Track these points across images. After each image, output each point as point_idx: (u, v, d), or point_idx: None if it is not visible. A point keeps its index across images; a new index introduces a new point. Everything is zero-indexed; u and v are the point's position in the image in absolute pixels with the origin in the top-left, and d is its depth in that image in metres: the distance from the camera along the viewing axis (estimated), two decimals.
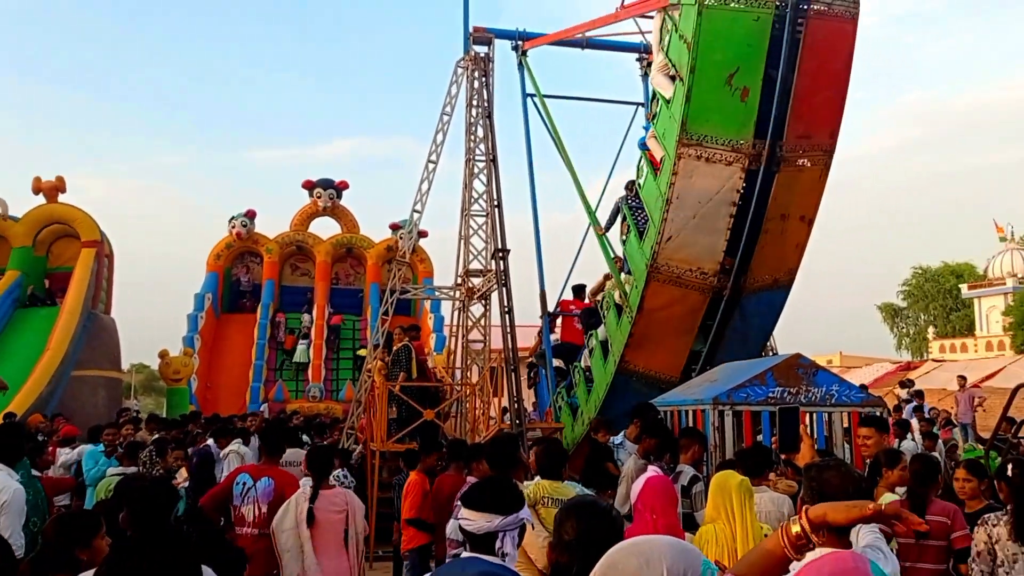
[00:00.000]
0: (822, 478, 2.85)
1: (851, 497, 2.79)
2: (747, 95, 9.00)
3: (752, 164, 9.26)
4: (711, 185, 9.34)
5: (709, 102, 9.07)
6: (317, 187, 26.25)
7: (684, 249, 9.72)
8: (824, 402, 6.81)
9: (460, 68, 15.47)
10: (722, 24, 8.76)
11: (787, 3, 8.69)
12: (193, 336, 22.63)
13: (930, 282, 65.74)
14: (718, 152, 9.20)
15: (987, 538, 4.40)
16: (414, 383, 12.68)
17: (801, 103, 9.10)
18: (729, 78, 8.95)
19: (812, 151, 9.47)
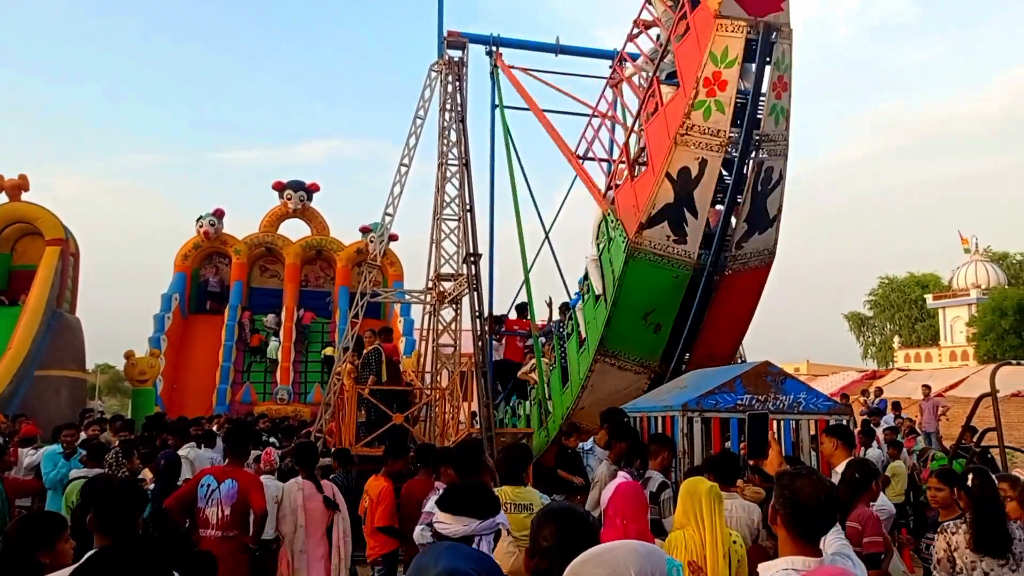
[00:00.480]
0: (794, 486, 2.87)
1: (823, 505, 2.82)
2: (659, 329, 10.02)
3: (658, 375, 10.34)
4: (621, 383, 10.47)
5: (626, 330, 10.14)
6: (287, 189, 26.09)
7: (595, 417, 10.54)
8: (792, 410, 6.87)
9: (434, 72, 15.44)
10: (645, 274, 9.62)
11: (704, 269, 9.41)
12: (160, 337, 22.35)
13: (896, 292, 66.75)
14: (629, 364, 10.41)
15: (946, 546, 4.46)
16: (383, 386, 12.60)
17: (708, 336, 10.02)
18: (645, 316, 9.98)
19: (712, 363, 10.29)
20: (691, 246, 9.37)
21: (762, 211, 9.46)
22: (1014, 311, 42.55)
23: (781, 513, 2.88)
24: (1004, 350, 40.91)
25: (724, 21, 8.45)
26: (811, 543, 2.81)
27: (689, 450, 6.75)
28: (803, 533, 2.84)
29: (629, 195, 10.13)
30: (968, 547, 4.34)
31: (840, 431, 5.76)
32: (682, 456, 6.75)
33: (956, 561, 4.41)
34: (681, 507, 4.18)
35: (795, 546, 2.84)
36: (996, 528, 4.31)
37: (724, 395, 6.81)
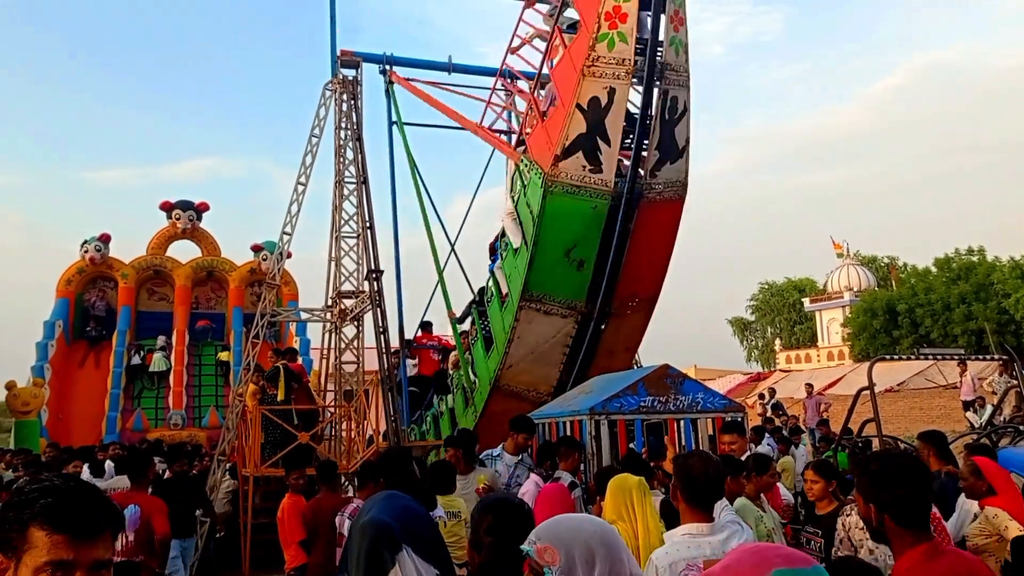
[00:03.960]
0: (688, 463, 3.40)
1: (712, 478, 3.31)
2: (582, 266, 10.19)
3: (585, 317, 10.52)
4: (548, 331, 10.66)
5: (549, 270, 10.22)
6: (176, 208, 25.31)
7: (523, 375, 11.00)
8: (691, 409, 7.29)
9: (328, 91, 15.46)
10: (563, 208, 9.77)
11: (621, 196, 9.68)
12: (43, 365, 21.30)
13: (775, 297, 69.89)
14: (555, 307, 10.48)
15: (842, 527, 4.91)
16: (286, 406, 12.51)
17: (630, 273, 10.31)
18: (567, 252, 10.12)
19: (637, 304, 10.82)
20: (607, 174, 9.61)
21: (671, 140, 9.80)
22: (884, 311, 45.31)
23: (679, 487, 3.40)
24: (876, 348, 43.48)
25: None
26: (705, 511, 3.32)
27: (597, 452, 7.06)
28: (698, 503, 3.36)
29: (541, 136, 10.31)
30: (858, 527, 4.78)
31: (736, 426, 6.20)
32: (591, 458, 7.06)
33: (851, 540, 4.85)
34: (611, 503, 4.45)
35: (692, 515, 3.36)
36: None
37: (628, 398, 7.16)
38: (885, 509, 2.63)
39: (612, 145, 9.49)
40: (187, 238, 25.84)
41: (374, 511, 1.91)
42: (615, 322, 10.76)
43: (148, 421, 21.32)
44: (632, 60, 9.22)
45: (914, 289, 45.48)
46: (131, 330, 23.57)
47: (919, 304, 43.59)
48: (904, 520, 2.62)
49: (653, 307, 11.11)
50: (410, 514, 1.92)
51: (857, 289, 54.46)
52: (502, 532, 2.52)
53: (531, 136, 11.02)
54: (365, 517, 1.89)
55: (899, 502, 2.62)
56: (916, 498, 2.63)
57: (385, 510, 1.92)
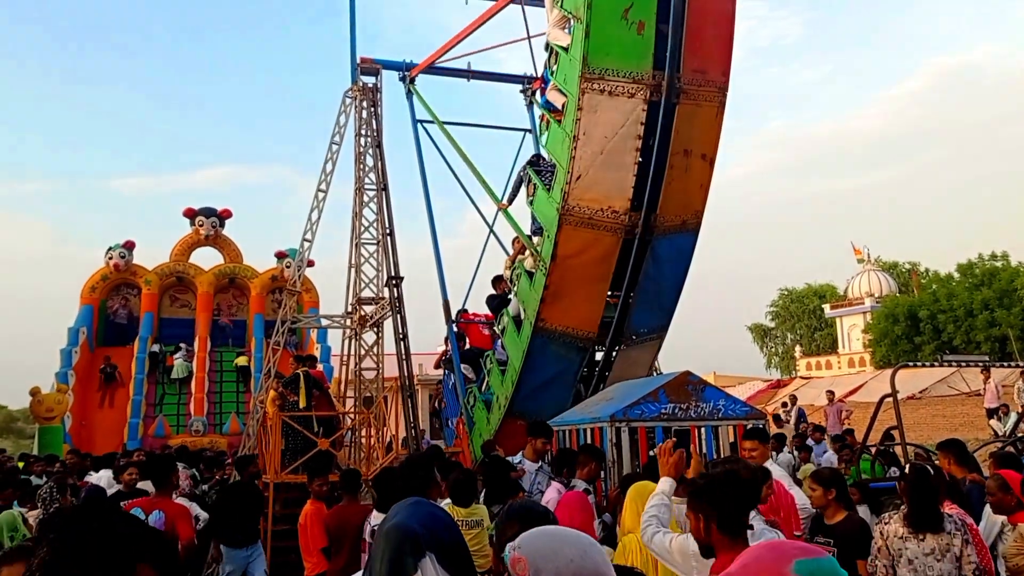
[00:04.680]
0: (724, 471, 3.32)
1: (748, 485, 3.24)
2: (643, 28, 9.43)
3: (653, 95, 9.61)
4: (615, 119, 9.60)
5: (608, 36, 9.39)
6: (199, 215, 25.59)
7: (594, 188, 9.92)
8: (712, 416, 7.25)
9: (348, 98, 15.57)
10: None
11: None
12: (67, 372, 21.54)
13: (795, 303, 69.42)
14: (620, 84, 9.49)
15: (880, 535, 4.88)
16: (306, 412, 12.55)
17: (694, 36, 9.52)
18: (625, 12, 9.33)
19: (707, 86, 9.90)
20: None
21: None
22: (905, 317, 44.88)
23: None
24: (898, 355, 43.04)
25: None
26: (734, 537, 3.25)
27: (618, 459, 7.04)
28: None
29: None
30: (897, 536, 4.76)
31: (759, 433, 6.17)
32: (612, 465, 7.04)
33: (889, 548, 4.83)
34: (630, 511, 4.44)
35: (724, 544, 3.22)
36: (928, 508, 4.75)
37: (649, 405, 7.14)
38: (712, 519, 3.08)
39: None
40: (210, 245, 26.10)
41: (399, 516, 1.92)
42: (687, 107, 9.75)
43: (170, 427, 21.51)
44: None
45: (936, 295, 45.04)
46: (153, 336, 23.79)
47: (941, 310, 43.16)
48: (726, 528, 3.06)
49: (724, 100, 10.09)
50: (436, 521, 1.92)
51: (878, 295, 54.03)
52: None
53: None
54: (390, 522, 1.89)
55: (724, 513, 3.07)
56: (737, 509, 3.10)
57: (411, 516, 1.92)
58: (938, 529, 4.70)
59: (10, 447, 44.33)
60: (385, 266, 14.38)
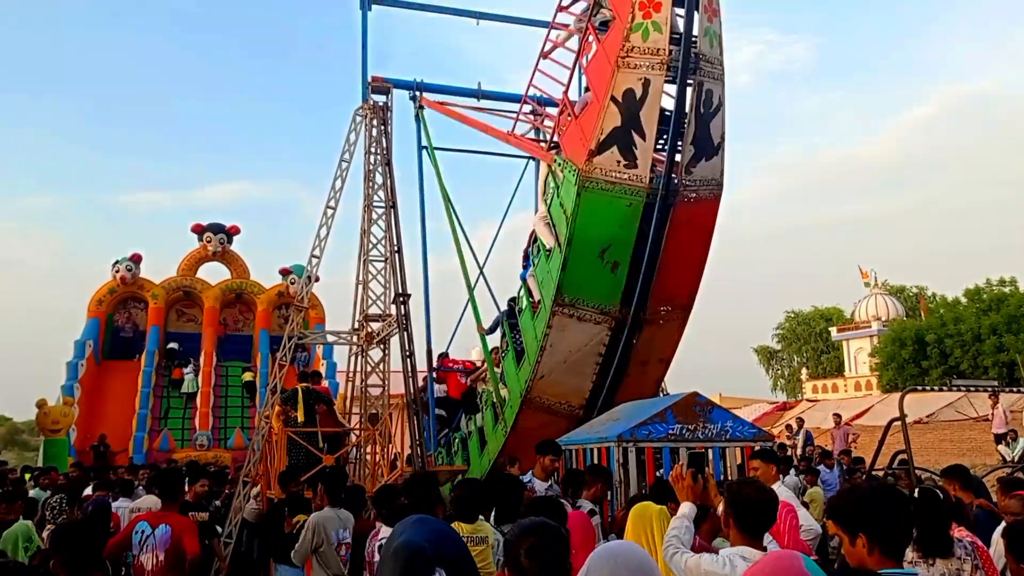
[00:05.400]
0: (742, 492, 3.35)
1: (765, 506, 3.29)
2: (617, 268, 9.99)
3: (618, 323, 10.30)
4: (581, 339, 10.40)
5: (583, 272, 9.99)
6: (207, 231, 25.70)
7: (555, 386, 10.79)
8: (720, 437, 7.24)
9: (359, 116, 15.62)
10: (598, 206, 9.57)
11: (657, 193, 9.45)
12: (73, 384, 21.58)
13: (802, 325, 69.28)
14: (589, 313, 10.24)
15: None
16: (309, 428, 12.52)
17: (664, 276, 10.04)
18: (602, 252, 9.88)
19: (672, 311, 10.59)
20: (642, 170, 9.34)
21: (707, 136, 9.54)
22: (912, 341, 44.73)
23: (732, 515, 3.34)
24: (905, 379, 42.87)
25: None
26: (756, 538, 3.29)
27: (625, 479, 7.03)
28: (750, 530, 3.42)
29: (575, 133, 10.07)
30: (907, 561, 4.74)
31: (768, 454, 6.15)
32: (619, 485, 7.02)
33: None
34: (632, 529, 4.46)
35: (744, 539, 3.41)
36: (938, 533, 4.73)
37: (656, 425, 7.13)
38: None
39: (647, 139, 9.29)
40: (217, 260, 26.20)
41: (407, 534, 1.93)
42: (649, 330, 10.46)
43: (175, 441, 21.49)
44: (667, 50, 9.00)
45: (943, 319, 44.89)
46: (159, 351, 23.85)
47: (948, 335, 43.01)
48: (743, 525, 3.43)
49: (687, 316, 10.80)
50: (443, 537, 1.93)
51: (885, 319, 53.88)
52: (543, 554, 2.51)
53: (564, 135, 10.74)
54: (398, 540, 1.90)
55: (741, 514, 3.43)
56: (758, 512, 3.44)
57: (418, 533, 1.93)
58: (948, 554, 4.67)
59: (14, 459, 44.43)
60: (392, 283, 14.38)
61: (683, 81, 9.13)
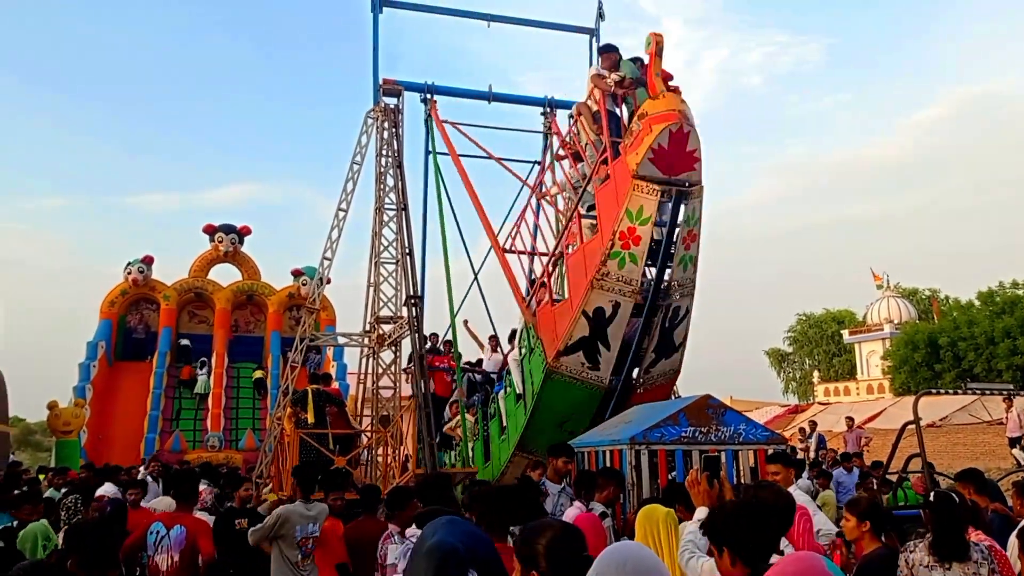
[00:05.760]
0: (758, 496, 3.29)
1: (782, 509, 3.22)
2: (573, 435, 10.39)
3: None
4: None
5: (542, 434, 10.74)
6: (219, 232, 25.78)
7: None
8: (733, 440, 7.21)
9: (370, 119, 15.65)
10: (561, 391, 10.43)
11: (615, 389, 10.21)
12: (85, 386, 21.68)
13: (814, 328, 68.96)
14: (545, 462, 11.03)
15: (905, 564, 4.81)
16: (320, 429, 12.55)
17: None
18: (561, 424, 10.59)
19: None
20: (603, 373, 10.17)
21: (669, 341, 10.24)
22: (925, 344, 44.47)
23: None
24: (918, 382, 42.63)
25: (641, 182, 8.96)
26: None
27: (638, 482, 7.00)
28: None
29: (549, 319, 10.85)
30: (923, 564, 4.70)
31: (787, 458, 6.11)
32: (631, 488, 7.00)
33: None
34: (639, 531, 4.44)
35: None
36: (954, 536, 4.69)
37: (669, 428, 7.11)
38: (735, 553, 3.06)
39: (611, 350, 10.03)
40: (228, 261, 26.28)
41: (440, 535, 1.92)
42: None
43: (186, 442, 21.56)
44: (639, 281, 9.57)
45: (956, 322, 44.63)
46: (171, 352, 23.95)
47: (962, 337, 42.74)
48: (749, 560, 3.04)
49: None
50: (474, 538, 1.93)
51: (898, 321, 53.58)
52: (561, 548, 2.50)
53: (542, 309, 11.39)
54: (431, 541, 1.89)
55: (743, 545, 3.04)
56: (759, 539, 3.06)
57: (451, 533, 1.93)
58: (964, 558, 4.64)
59: (27, 459, 44.70)
60: (404, 285, 14.40)
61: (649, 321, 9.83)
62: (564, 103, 17.02)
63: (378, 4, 15.95)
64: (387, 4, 16.12)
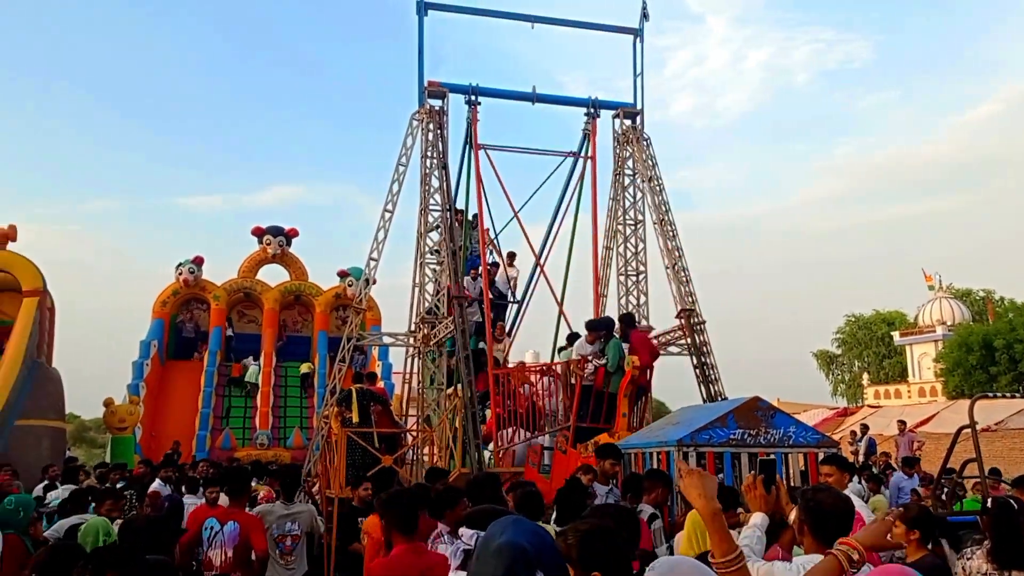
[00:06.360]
0: (817, 498, 3.28)
1: (841, 513, 3.20)
2: None
3: None
4: None
5: None
6: (267, 234, 26.22)
7: None
8: (783, 443, 7.12)
9: (415, 121, 15.76)
10: None
11: None
12: (138, 383, 22.19)
13: (863, 330, 67.68)
14: None
15: (963, 571, 4.72)
16: (366, 429, 12.64)
17: None
18: None
19: None
20: None
21: None
22: (980, 346, 43.41)
23: (807, 522, 3.32)
24: (972, 385, 41.63)
25: None
26: (829, 545, 3.24)
27: None
28: (826, 538, 3.27)
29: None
30: (981, 572, 4.60)
31: (841, 461, 6.01)
32: (679, 491, 6.94)
33: None
34: (688, 536, 4.40)
35: (819, 548, 3.28)
36: (1014, 543, 4.59)
37: (717, 430, 7.04)
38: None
39: None
40: (276, 262, 26.71)
41: (508, 534, 1.94)
42: None
43: (236, 440, 21.93)
44: None
45: (1012, 324, 43.48)
46: (222, 351, 24.39)
47: (1018, 339, 41.62)
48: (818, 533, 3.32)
49: None
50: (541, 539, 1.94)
51: (950, 323, 52.36)
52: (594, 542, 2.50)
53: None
54: (500, 540, 1.91)
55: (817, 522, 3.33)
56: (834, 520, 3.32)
57: (519, 533, 1.94)
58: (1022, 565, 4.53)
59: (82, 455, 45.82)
60: (450, 285, 14.47)
61: None
62: (607, 103, 16.98)
63: (423, 7, 16.05)
64: (432, 7, 16.20)
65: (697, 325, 14.23)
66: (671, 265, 14.97)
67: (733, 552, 2.88)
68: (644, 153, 16.12)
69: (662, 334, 15.04)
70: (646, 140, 16.32)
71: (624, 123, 16.75)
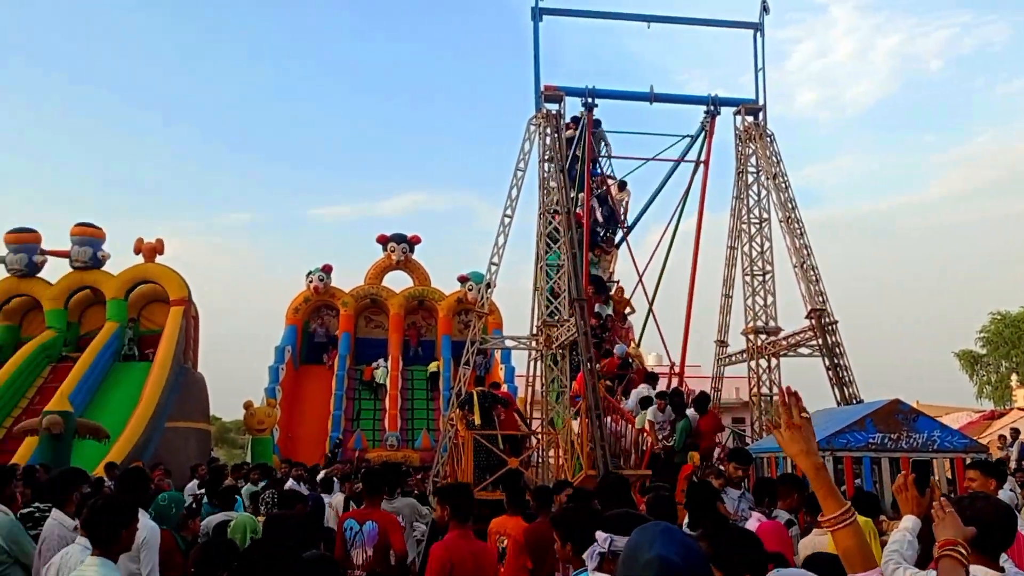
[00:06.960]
0: (976, 507, 3.13)
1: (1003, 523, 3.04)
2: None
3: None
4: None
5: None
6: (391, 241, 26.97)
7: None
8: (926, 448, 6.79)
9: (532, 125, 15.88)
10: None
11: None
12: (275, 387, 23.24)
13: (1011, 328, 63.52)
14: None
15: None
16: (491, 431, 12.81)
17: None
18: None
19: None
20: None
21: None
22: None
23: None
24: None
25: None
26: (993, 558, 3.06)
27: None
28: (985, 549, 3.13)
29: None
30: None
31: (987, 466, 5.70)
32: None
33: None
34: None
35: (979, 559, 3.12)
36: None
37: (855, 434, 6.79)
38: None
39: None
40: (400, 269, 27.43)
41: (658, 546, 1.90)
42: None
43: (367, 442, 22.64)
44: None
45: None
46: (351, 355, 25.26)
47: None
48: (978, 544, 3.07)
49: None
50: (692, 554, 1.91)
51: None
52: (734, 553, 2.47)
53: None
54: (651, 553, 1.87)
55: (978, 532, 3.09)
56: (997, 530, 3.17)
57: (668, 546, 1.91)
58: None
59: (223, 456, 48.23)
60: (570, 288, 14.49)
61: None
62: (728, 100, 16.66)
63: (538, 13, 16.17)
64: (547, 12, 16.29)
65: (829, 325, 13.75)
66: (799, 264, 14.52)
67: (842, 507, 2.81)
68: (768, 149, 15.71)
69: (791, 335, 14.62)
70: (769, 136, 15.91)
71: (746, 120, 16.39)
